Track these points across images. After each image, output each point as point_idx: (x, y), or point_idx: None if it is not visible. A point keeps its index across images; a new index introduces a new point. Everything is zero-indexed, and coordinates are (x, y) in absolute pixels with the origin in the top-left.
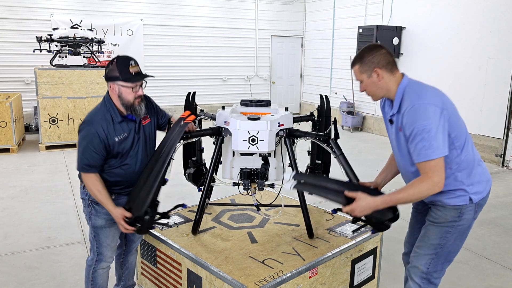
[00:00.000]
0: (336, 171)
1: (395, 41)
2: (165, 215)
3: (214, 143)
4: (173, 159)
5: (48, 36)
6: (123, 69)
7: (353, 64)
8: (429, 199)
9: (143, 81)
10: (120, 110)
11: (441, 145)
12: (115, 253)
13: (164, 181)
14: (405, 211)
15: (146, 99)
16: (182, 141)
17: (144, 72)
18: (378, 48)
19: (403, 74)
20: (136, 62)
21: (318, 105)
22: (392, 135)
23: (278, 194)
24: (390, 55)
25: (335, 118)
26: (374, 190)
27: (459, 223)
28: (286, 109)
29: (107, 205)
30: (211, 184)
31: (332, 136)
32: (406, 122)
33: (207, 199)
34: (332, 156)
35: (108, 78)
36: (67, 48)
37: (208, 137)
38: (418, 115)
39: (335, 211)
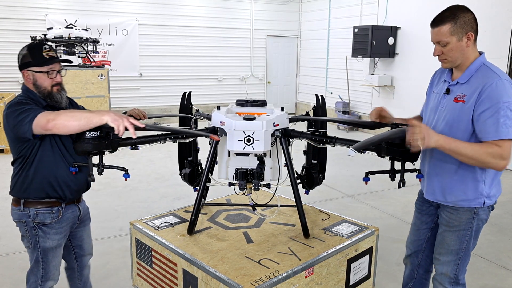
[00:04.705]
0: (336, 169)
1: (391, 41)
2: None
3: (209, 143)
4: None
5: (43, 36)
6: (35, 53)
7: (442, 22)
8: (442, 200)
9: (61, 68)
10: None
11: None
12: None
13: (134, 144)
14: (401, 211)
15: (71, 102)
16: (177, 141)
17: (139, 72)
18: (469, 10)
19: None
20: (51, 47)
21: (314, 105)
22: (442, 106)
23: (274, 194)
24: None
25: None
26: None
27: (474, 224)
28: (282, 109)
29: (97, 114)
30: (207, 184)
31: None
32: (488, 94)
33: (202, 199)
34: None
35: (21, 66)
36: (62, 48)
37: (204, 137)
38: (506, 91)
39: (368, 178)
